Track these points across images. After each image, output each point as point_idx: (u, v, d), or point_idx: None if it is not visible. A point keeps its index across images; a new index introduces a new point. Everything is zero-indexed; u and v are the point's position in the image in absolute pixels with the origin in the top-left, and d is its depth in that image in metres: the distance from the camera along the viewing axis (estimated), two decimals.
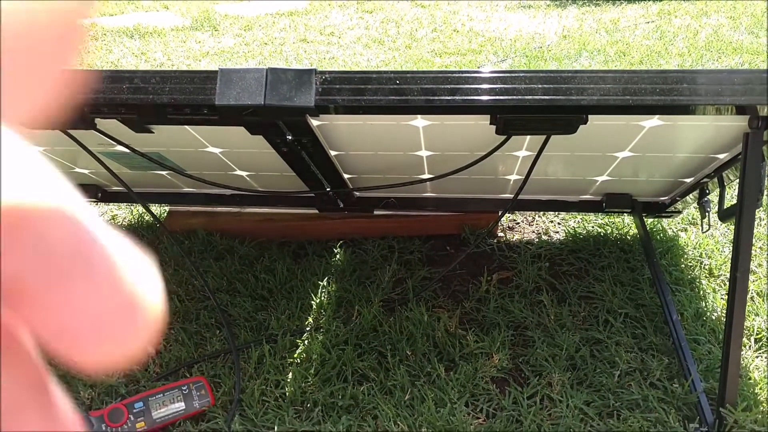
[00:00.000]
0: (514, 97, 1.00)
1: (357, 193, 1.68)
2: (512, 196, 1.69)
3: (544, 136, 1.22)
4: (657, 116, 1.14)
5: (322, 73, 1.01)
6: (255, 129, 1.19)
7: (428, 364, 1.32)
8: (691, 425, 1.16)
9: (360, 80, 1.01)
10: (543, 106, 1.00)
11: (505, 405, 1.22)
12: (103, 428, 1.17)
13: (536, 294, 1.51)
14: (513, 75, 1.00)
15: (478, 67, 3.13)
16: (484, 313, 1.46)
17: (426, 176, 1.54)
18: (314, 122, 1.19)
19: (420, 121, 1.20)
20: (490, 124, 1.14)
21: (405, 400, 1.23)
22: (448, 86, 1.00)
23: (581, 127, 1.06)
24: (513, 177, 1.55)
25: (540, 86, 0.99)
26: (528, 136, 1.28)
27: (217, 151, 1.43)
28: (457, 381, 1.27)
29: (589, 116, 1.06)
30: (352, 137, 1.30)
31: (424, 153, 1.39)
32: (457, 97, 1.00)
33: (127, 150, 1.40)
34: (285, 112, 1.03)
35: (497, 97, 1.00)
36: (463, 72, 0.99)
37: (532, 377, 1.29)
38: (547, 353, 1.33)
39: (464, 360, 1.33)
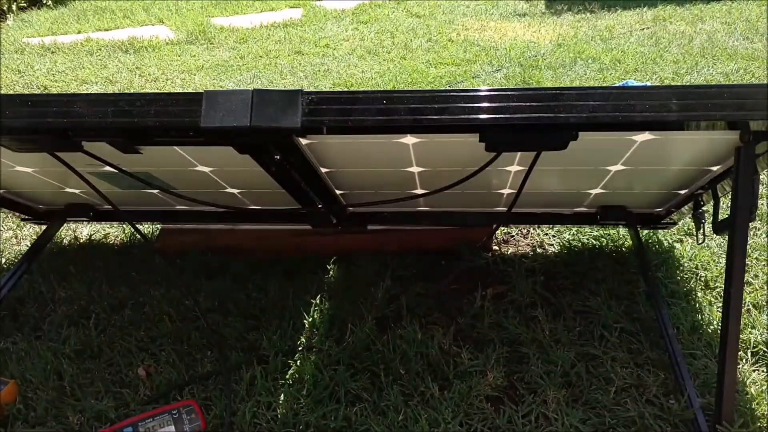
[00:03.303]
0: (503, 115, 0.99)
1: (350, 209, 1.66)
2: (506, 209, 1.68)
3: (534, 152, 1.21)
4: (648, 131, 1.13)
5: (309, 93, 1.00)
6: (243, 149, 1.18)
7: (422, 383, 1.30)
8: None
9: (347, 100, 1.00)
10: (531, 124, 0.99)
11: (500, 424, 1.21)
12: None
13: (531, 309, 1.49)
14: (501, 93, 0.99)
15: (472, 78, 3.13)
16: (479, 330, 1.44)
17: (419, 191, 1.53)
18: (303, 141, 1.18)
19: (410, 139, 1.19)
20: (480, 141, 1.13)
21: (398, 421, 1.22)
22: (436, 105, 0.99)
23: (572, 142, 1.05)
24: (506, 191, 1.54)
25: (528, 104, 0.98)
26: (519, 153, 1.27)
27: (206, 170, 1.42)
28: (451, 400, 1.25)
29: (580, 132, 1.05)
30: (343, 155, 1.29)
31: (415, 169, 1.37)
32: (444, 117, 0.99)
33: (115, 170, 1.39)
34: (271, 133, 1.02)
35: (486, 116, 0.99)
36: (450, 91, 0.98)
37: (527, 395, 1.27)
38: (542, 370, 1.31)
39: (458, 378, 1.31)
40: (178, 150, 1.29)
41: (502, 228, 1.83)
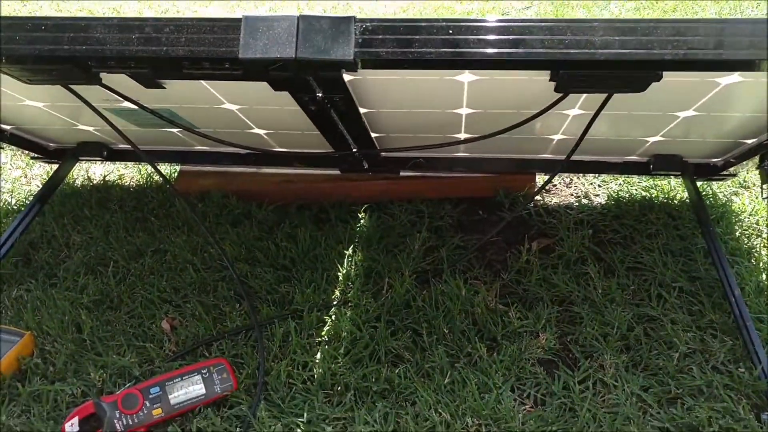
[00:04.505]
0: (586, 50, 0.86)
1: (384, 154, 1.54)
2: (551, 156, 1.56)
3: (604, 95, 1.08)
4: (738, 72, 1.00)
5: (363, 21, 0.87)
6: (281, 85, 1.06)
7: (468, 343, 1.21)
8: (763, 415, 1.06)
9: (407, 30, 0.87)
10: (619, 61, 0.86)
11: (555, 390, 1.12)
12: (117, 415, 1.07)
13: (581, 265, 1.39)
14: (584, 25, 0.86)
15: (501, 15, 2.95)
16: (526, 286, 1.34)
17: (463, 136, 1.41)
18: (346, 77, 1.05)
19: (467, 76, 1.06)
20: (550, 80, 1.00)
21: (445, 384, 1.13)
22: (511, 37, 0.86)
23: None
24: (557, 137, 1.41)
25: (616, 38, 0.85)
26: (584, 94, 1.15)
27: (234, 108, 1.29)
28: (501, 363, 1.16)
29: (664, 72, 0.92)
30: (386, 94, 1.17)
31: (464, 111, 1.25)
32: (519, 50, 0.86)
33: (135, 107, 1.26)
34: (319, 66, 0.90)
35: (566, 51, 0.86)
36: (527, 20, 0.85)
37: (582, 359, 1.18)
38: (598, 332, 1.22)
39: (507, 339, 1.22)
40: (206, 85, 1.16)
41: (544, 176, 1.71)
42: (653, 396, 1.10)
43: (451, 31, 0.86)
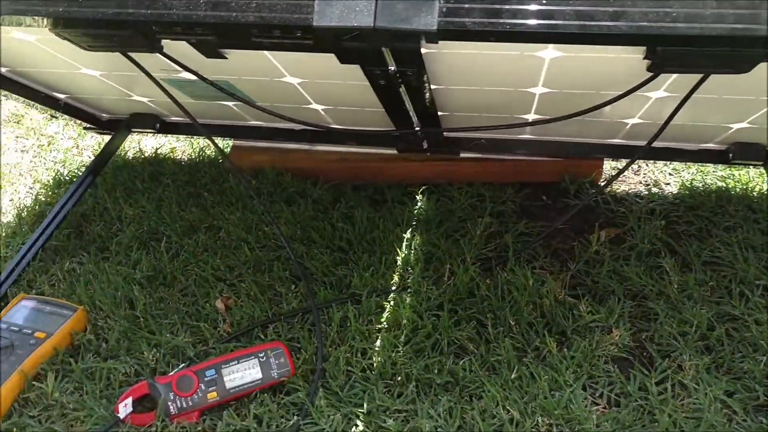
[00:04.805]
0: (695, 24, 0.78)
1: (447, 133, 1.48)
2: (622, 141, 1.47)
3: (700, 75, 1.00)
4: None
5: None
6: (351, 57, 0.99)
7: (536, 337, 1.14)
8: None
9: None
10: (732, 37, 0.77)
11: (631, 391, 1.05)
12: (171, 397, 1.03)
13: (654, 257, 1.31)
14: None
15: None
16: (596, 278, 1.27)
17: (531, 117, 1.33)
18: (423, 50, 0.98)
19: (549, 52, 0.99)
20: (645, 58, 0.92)
21: (512, 380, 1.07)
22: (610, 9, 0.78)
23: None
24: (632, 121, 1.33)
25: (731, 12, 0.77)
26: (674, 75, 1.06)
27: (295, 81, 1.24)
28: (572, 359, 1.09)
29: None
30: (458, 69, 1.10)
31: (539, 90, 1.17)
32: (620, 23, 0.78)
33: (193, 77, 1.22)
34: (398, 36, 0.83)
35: (672, 25, 0.78)
36: None
37: (659, 358, 1.11)
38: (676, 330, 1.14)
39: (577, 334, 1.15)
40: (269, 56, 1.11)
41: (612, 163, 1.62)
42: (739, 402, 1.02)
43: (545, 1, 0.79)
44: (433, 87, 1.19)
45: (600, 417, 1.01)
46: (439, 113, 1.34)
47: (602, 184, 1.57)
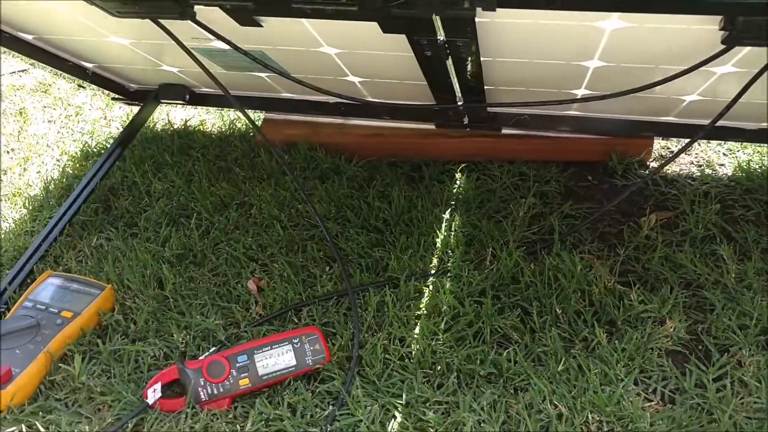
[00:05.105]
0: None
1: (491, 109, 1.40)
2: (675, 119, 1.38)
3: None
4: None
5: None
6: (396, 26, 0.93)
7: (584, 327, 1.08)
8: None
9: None
10: None
11: (687, 387, 0.98)
12: (202, 383, 0.99)
13: (709, 243, 1.23)
14: None
15: None
16: (647, 265, 1.20)
17: (581, 92, 1.25)
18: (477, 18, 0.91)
19: (611, 23, 0.91)
20: (721, 29, 0.84)
21: (559, 372, 1.01)
22: None
23: None
24: (690, 98, 1.24)
25: None
26: (746, 48, 0.97)
27: (332, 51, 1.17)
28: (623, 352, 1.03)
29: None
30: (510, 40, 1.02)
31: (593, 64, 1.10)
32: None
33: (226, 47, 1.15)
34: (453, 3, 0.76)
35: None
36: None
37: (716, 353, 1.04)
38: (734, 323, 1.07)
39: (628, 324, 1.08)
40: (307, 25, 1.04)
41: (661, 142, 1.54)
42: None
43: None
44: (483, 59, 1.12)
45: (654, 415, 0.95)
46: (486, 87, 1.27)
47: (652, 164, 1.49)
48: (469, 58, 1.02)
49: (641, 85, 1.07)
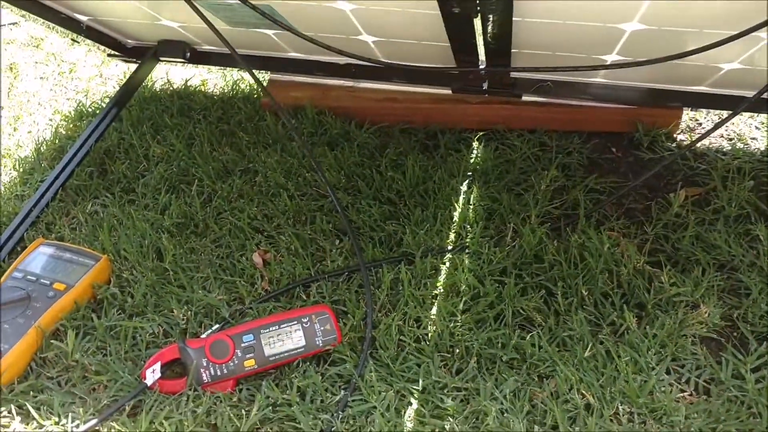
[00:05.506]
0: None
1: (514, 74, 1.31)
2: (708, 89, 1.30)
3: None
4: None
5: None
6: None
7: (612, 310, 1.01)
8: None
9: None
10: None
11: (723, 378, 0.92)
12: (204, 363, 0.92)
13: (743, 222, 1.16)
14: None
15: None
16: (677, 244, 1.13)
17: (611, 58, 1.17)
18: None
19: None
20: None
21: (586, 358, 0.94)
22: None
23: None
24: (729, 66, 1.16)
25: None
26: None
27: (347, 7, 1.08)
28: (654, 338, 0.96)
29: None
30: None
31: (631, 27, 1.01)
32: None
33: (232, 0, 1.06)
34: None
35: None
36: None
37: (754, 341, 0.97)
38: None
39: (659, 308, 1.01)
40: None
41: (690, 113, 1.46)
42: None
43: None
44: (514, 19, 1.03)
45: (689, 407, 0.88)
46: (513, 50, 1.18)
47: (679, 136, 1.41)
48: (499, 18, 0.93)
49: (678, 51, 0.99)
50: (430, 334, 0.99)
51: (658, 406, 0.88)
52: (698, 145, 1.37)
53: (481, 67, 1.20)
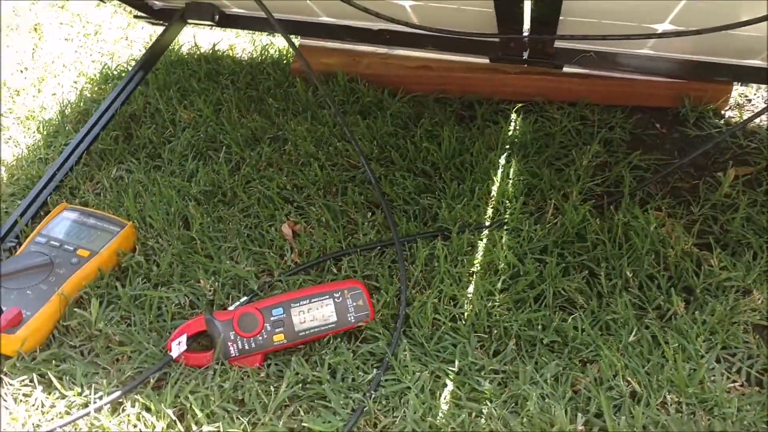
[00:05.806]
0: None
1: (558, 43, 1.25)
2: (762, 62, 1.23)
3: None
4: None
5: None
6: None
7: (659, 293, 0.96)
8: None
9: None
10: None
11: None
12: (232, 336, 0.89)
13: None
14: None
15: None
16: (726, 226, 1.07)
17: (662, 27, 1.10)
18: None
19: None
20: None
21: (631, 344, 0.90)
22: None
23: None
24: None
25: None
26: None
27: None
28: (703, 324, 0.91)
29: None
30: None
31: None
32: None
33: None
34: None
35: None
36: None
37: None
38: None
39: (708, 293, 0.96)
40: None
41: (740, 89, 1.39)
42: None
43: None
44: None
45: (741, 399, 0.84)
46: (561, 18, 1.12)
47: (727, 112, 1.34)
48: None
49: (733, 21, 0.92)
50: (466, 314, 0.94)
51: (708, 396, 0.83)
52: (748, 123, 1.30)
53: (525, 34, 1.14)
